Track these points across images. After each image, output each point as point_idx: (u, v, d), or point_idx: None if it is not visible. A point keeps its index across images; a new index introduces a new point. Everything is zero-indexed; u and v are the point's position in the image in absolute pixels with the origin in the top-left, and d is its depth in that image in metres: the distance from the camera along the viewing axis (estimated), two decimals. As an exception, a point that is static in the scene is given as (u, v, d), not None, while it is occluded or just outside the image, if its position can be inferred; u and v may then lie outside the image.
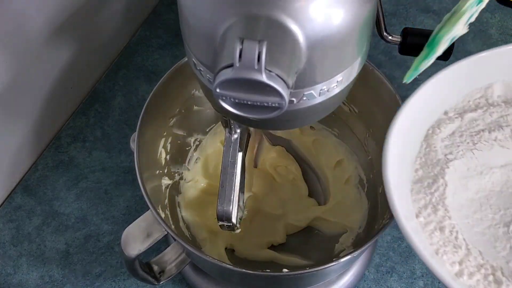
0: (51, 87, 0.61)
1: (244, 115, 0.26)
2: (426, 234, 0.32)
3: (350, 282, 0.53)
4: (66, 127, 0.65)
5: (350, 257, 0.40)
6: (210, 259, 0.40)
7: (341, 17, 0.26)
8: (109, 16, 0.66)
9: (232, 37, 0.24)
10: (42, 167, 0.62)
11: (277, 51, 0.24)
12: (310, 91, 0.28)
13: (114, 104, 0.67)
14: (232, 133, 0.41)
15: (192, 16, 0.27)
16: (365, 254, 0.54)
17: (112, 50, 0.70)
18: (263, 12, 0.25)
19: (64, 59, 0.61)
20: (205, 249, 0.52)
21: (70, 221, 0.59)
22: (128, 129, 0.65)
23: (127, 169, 0.62)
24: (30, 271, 0.56)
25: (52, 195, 0.60)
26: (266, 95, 0.24)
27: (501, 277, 0.31)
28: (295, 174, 0.57)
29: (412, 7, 0.76)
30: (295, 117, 0.31)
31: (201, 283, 0.53)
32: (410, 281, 0.54)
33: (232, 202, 0.40)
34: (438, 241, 0.32)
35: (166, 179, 0.52)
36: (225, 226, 0.41)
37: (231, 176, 0.41)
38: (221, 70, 0.24)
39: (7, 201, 0.60)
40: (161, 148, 0.51)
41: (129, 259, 0.42)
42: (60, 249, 0.57)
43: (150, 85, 0.69)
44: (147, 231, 0.41)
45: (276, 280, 0.44)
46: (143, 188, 0.42)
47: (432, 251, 0.31)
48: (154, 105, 0.46)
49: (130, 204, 0.60)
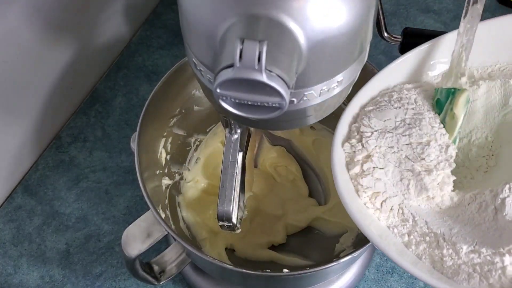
0: (52, 87, 0.61)
1: (244, 115, 0.26)
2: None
3: (350, 282, 0.53)
4: (66, 127, 0.65)
5: (350, 257, 0.40)
6: (210, 259, 0.40)
7: (341, 17, 0.26)
8: (109, 16, 0.66)
9: (233, 37, 0.24)
10: (42, 167, 0.62)
11: (277, 51, 0.24)
12: (310, 91, 0.28)
13: (114, 104, 0.67)
14: (232, 133, 0.41)
15: (192, 16, 0.27)
16: (366, 254, 0.54)
17: (112, 50, 0.70)
18: (264, 12, 0.25)
19: (64, 59, 0.61)
20: (205, 249, 0.52)
21: (71, 221, 0.59)
22: (129, 129, 0.65)
23: (127, 169, 0.62)
24: (31, 271, 0.56)
25: (52, 195, 0.61)
26: (267, 95, 0.24)
27: (442, 243, 0.33)
28: (295, 174, 0.57)
29: (412, 7, 0.76)
30: (295, 117, 0.31)
31: (201, 283, 0.53)
32: (411, 281, 0.54)
33: (232, 202, 0.40)
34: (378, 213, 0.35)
35: (166, 179, 0.52)
36: (225, 226, 0.41)
37: (231, 176, 0.41)
38: (222, 70, 0.24)
39: (7, 201, 0.60)
40: (161, 148, 0.51)
41: (130, 259, 0.42)
42: (60, 249, 0.57)
43: (150, 85, 0.69)
44: (148, 231, 0.41)
45: (276, 280, 0.44)
46: (144, 188, 0.42)
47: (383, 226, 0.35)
48: (154, 105, 0.46)
49: (130, 204, 0.60)
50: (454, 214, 0.35)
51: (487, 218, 0.34)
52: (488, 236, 0.33)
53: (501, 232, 0.32)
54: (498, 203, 0.33)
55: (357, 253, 0.40)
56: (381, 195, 0.35)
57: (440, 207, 0.36)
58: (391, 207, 0.35)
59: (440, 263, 0.33)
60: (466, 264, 0.32)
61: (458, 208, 0.35)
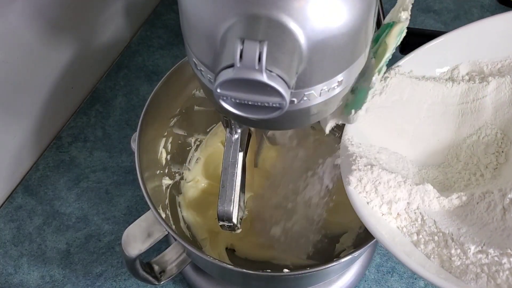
0: (52, 87, 0.61)
1: (244, 115, 0.26)
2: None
3: (350, 282, 0.53)
4: (67, 127, 0.65)
5: (350, 257, 0.40)
6: (210, 259, 0.40)
7: (341, 17, 0.26)
8: (110, 16, 0.66)
9: (233, 37, 0.24)
10: (43, 167, 0.62)
11: (277, 51, 0.24)
12: (310, 91, 0.28)
13: (115, 104, 0.67)
14: (233, 133, 0.41)
15: (192, 16, 0.27)
16: (366, 254, 0.54)
17: (113, 50, 0.71)
18: (264, 12, 0.25)
19: (65, 59, 0.61)
20: (206, 249, 0.52)
21: (71, 221, 0.59)
22: (129, 129, 0.65)
23: (127, 169, 0.62)
24: (31, 271, 0.56)
25: (53, 195, 0.61)
26: (267, 95, 0.24)
27: (451, 243, 0.33)
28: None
29: (413, 7, 0.76)
30: (295, 117, 0.31)
31: (202, 283, 0.53)
32: (411, 281, 0.54)
33: (232, 202, 0.40)
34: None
35: (166, 179, 0.53)
36: (225, 226, 0.41)
37: (231, 176, 0.41)
38: (222, 70, 0.24)
39: (8, 201, 0.60)
40: (161, 148, 0.51)
41: (130, 259, 0.42)
42: (61, 249, 0.57)
43: (151, 85, 0.69)
44: (148, 231, 0.41)
45: (276, 280, 0.44)
46: (144, 188, 0.42)
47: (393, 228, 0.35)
48: (155, 105, 0.46)
49: (130, 204, 0.60)
50: (463, 214, 0.35)
51: (495, 218, 0.33)
52: (496, 236, 0.33)
53: (509, 232, 0.32)
54: (506, 203, 0.33)
55: (357, 253, 0.40)
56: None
57: (449, 207, 0.36)
58: (400, 208, 0.35)
59: (448, 262, 0.33)
60: (474, 264, 0.32)
61: (467, 207, 0.35)
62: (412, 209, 0.35)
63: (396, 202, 0.35)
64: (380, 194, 0.35)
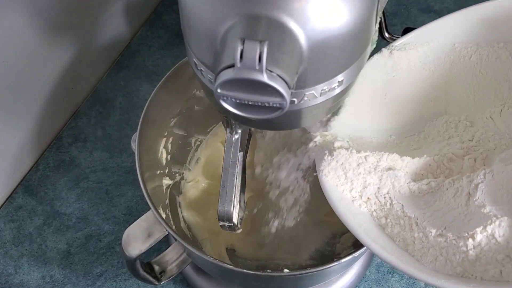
0: (52, 87, 0.61)
1: (245, 116, 0.26)
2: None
3: (351, 282, 0.53)
4: (67, 127, 0.65)
5: (351, 257, 0.40)
6: (211, 259, 0.40)
7: (342, 17, 0.26)
8: (110, 16, 0.66)
9: (233, 38, 0.24)
10: (43, 167, 0.62)
11: (278, 51, 0.24)
12: (311, 91, 0.28)
13: (115, 104, 0.67)
14: (233, 134, 0.41)
15: (193, 16, 0.27)
16: (366, 254, 0.54)
17: (113, 50, 0.71)
18: (264, 12, 0.25)
19: (65, 59, 0.61)
20: (206, 249, 0.52)
21: (71, 221, 0.59)
22: (129, 129, 0.65)
23: (128, 169, 0.62)
24: (31, 271, 0.56)
25: (53, 195, 0.61)
26: (267, 95, 0.24)
27: (414, 227, 0.35)
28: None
29: (413, 7, 0.76)
30: (296, 117, 0.31)
31: (202, 283, 0.53)
32: (411, 281, 0.54)
33: (233, 202, 0.40)
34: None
35: (167, 179, 0.52)
36: (226, 226, 0.41)
37: (232, 176, 0.41)
38: (222, 70, 0.24)
39: (8, 201, 0.60)
40: (162, 148, 0.51)
41: (130, 259, 0.42)
42: (61, 249, 0.57)
43: (151, 85, 0.69)
44: (148, 231, 0.41)
45: (276, 280, 0.44)
46: (144, 188, 0.42)
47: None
48: (155, 105, 0.46)
49: (131, 204, 0.60)
50: (432, 199, 0.36)
51: (460, 203, 0.35)
52: (458, 221, 0.34)
53: (471, 217, 0.33)
54: (471, 188, 0.34)
55: (358, 253, 0.40)
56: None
57: (419, 192, 0.37)
58: (370, 192, 0.37)
59: (412, 246, 0.34)
60: (434, 247, 0.33)
61: (437, 193, 0.36)
62: (382, 193, 0.37)
63: (366, 186, 0.37)
64: (349, 179, 0.37)
